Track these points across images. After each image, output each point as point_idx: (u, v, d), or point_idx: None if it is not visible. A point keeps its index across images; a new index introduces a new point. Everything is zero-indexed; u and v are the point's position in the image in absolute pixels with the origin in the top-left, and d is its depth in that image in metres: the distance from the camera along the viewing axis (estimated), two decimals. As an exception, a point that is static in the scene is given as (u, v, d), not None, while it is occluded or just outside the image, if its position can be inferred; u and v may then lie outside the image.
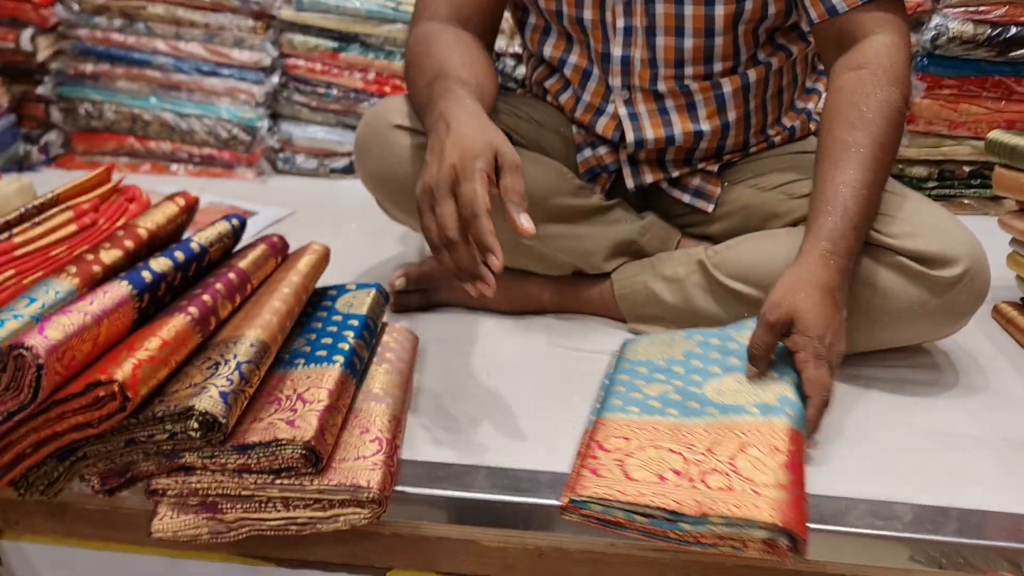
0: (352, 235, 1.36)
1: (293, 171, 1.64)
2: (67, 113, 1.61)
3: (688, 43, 1.01)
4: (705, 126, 1.05)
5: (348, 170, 1.63)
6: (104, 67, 1.58)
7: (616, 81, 1.04)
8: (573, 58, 1.07)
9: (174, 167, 1.60)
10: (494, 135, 0.80)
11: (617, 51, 1.03)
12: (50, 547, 0.83)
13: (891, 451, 0.84)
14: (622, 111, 1.05)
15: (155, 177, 1.58)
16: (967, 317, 0.94)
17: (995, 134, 1.08)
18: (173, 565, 0.82)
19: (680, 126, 1.05)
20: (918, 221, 0.92)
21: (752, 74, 1.04)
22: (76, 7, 1.57)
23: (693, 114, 1.05)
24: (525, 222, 0.75)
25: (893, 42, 0.93)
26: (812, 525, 0.72)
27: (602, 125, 1.06)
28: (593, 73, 1.06)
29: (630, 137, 1.05)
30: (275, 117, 1.63)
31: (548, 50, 1.09)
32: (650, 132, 1.04)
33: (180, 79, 1.58)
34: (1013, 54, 1.38)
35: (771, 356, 0.83)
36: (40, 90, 1.59)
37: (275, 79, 1.59)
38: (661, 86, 1.04)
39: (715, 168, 1.11)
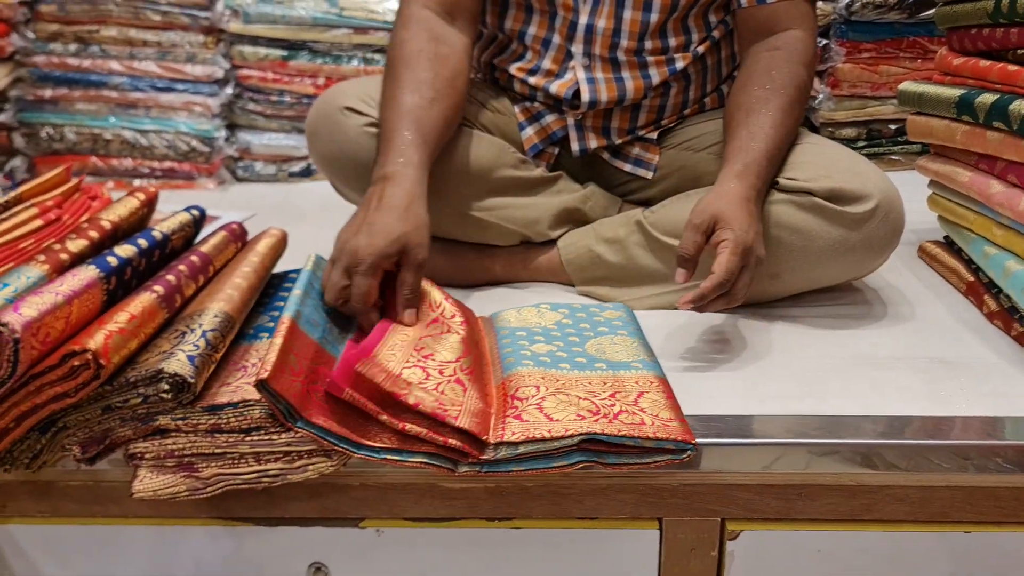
0: (311, 228, 1.40)
1: (253, 178, 1.69)
2: (29, 138, 1.65)
3: (654, 17, 1.09)
4: (655, 83, 1.13)
5: (306, 173, 1.69)
6: (62, 91, 1.63)
7: (578, 48, 1.11)
8: (532, 29, 1.14)
9: (137, 183, 1.65)
10: (409, 230, 0.89)
11: (583, 19, 1.10)
12: (38, 527, 0.87)
13: (819, 373, 0.90)
14: (580, 75, 1.12)
15: (119, 193, 1.62)
16: (887, 251, 1.01)
17: (904, 85, 1.15)
18: (157, 534, 0.86)
19: (632, 85, 1.12)
20: (830, 164, 0.99)
21: (701, 48, 1.12)
22: (31, 35, 1.62)
23: (647, 82, 1.12)
24: (407, 317, 0.87)
25: (805, 36, 1.07)
26: (741, 440, 0.79)
27: (556, 86, 1.13)
28: (553, 41, 1.13)
29: (585, 98, 1.11)
30: (232, 127, 1.69)
31: (508, 23, 1.15)
32: (604, 95, 1.12)
33: (137, 97, 1.62)
34: (923, 15, 1.47)
35: (697, 258, 0.90)
36: (1, 118, 1.63)
37: (229, 90, 1.65)
38: (621, 56, 1.11)
39: (654, 135, 1.18)
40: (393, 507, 0.83)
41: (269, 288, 1.00)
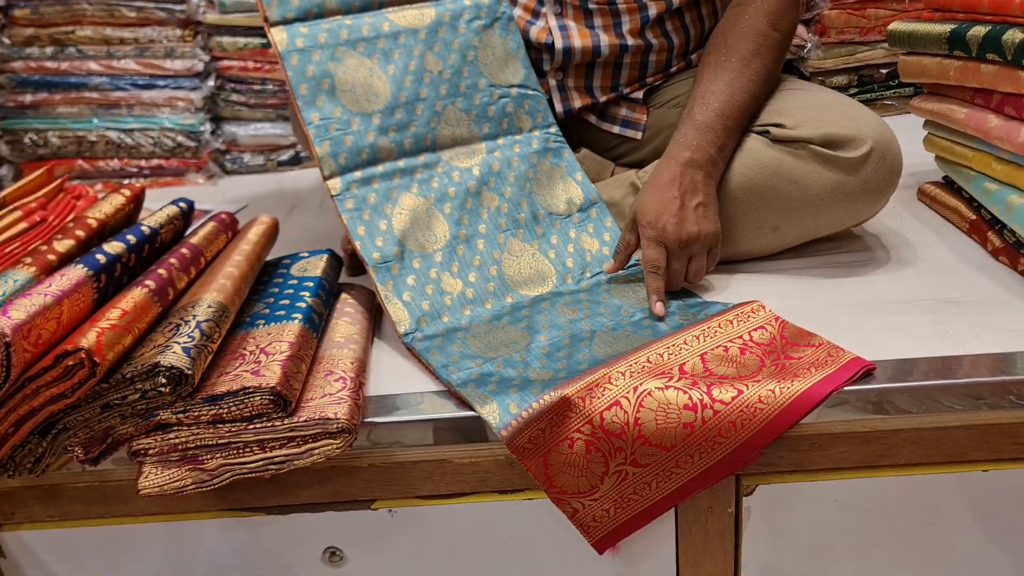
0: (304, 216, 1.39)
1: (242, 170, 1.68)
2: (13, 145, 1.63)
3: None
4: (629, 40, 1.11)
5: (294, 161, 1.67)
6: (43, 95, 1.60)
7: None
8: None
9: (125, 182, 1.63)
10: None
11: None
12: (48, 532, 0.86)
13: (827, 321, 0.88)
14: (552, 23, 1.10)
15: (108, 196, 1.61)
16: (886, 194, 0.99)
17: (893, 25, 1.13)
18: (169, 530, 0.86)
19: (606, 39, 1.10)
20: (822, 110, 0.97)
21: (676, 1, 1.10)
22: (7, 41, 1.59)
23: (619, 31, 1.10)
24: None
25: None
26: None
27: (535, 31, 1.11)
28: None
29: (559, 44, 1.10)
30: (217, 120, 1.67)
31: None
32: (578, 41, 1.10)
33: (118, 96, 1.60)
34: (909, -47, 1.44)
35: (628, 254, 0.98)
36: (-17, 127, 1.62)
37: (211, 83, 1.63)
38: (591, 4, 1.09)
39: (640, 95, 1.16)
40: (404, 486, 0.83)
41: (263, 276, 0.99)
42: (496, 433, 0.77)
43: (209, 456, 0.75)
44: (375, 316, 0.99)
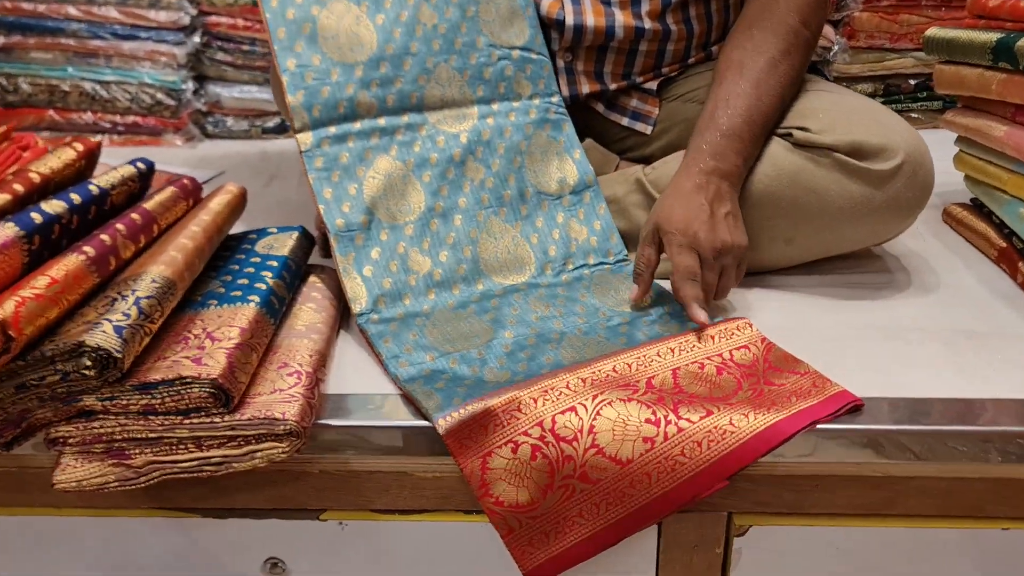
0: (284, 187, 1.31)
1: (224, 134, 1.58)
2: (-20, 90, 1.54)
3: None
4: (647, 24, 1.01)
5: (280, 129, 1.58)
6: (15, 38, 1.50)
7: None
8: None
9: (98, 138, 1.54)
10: None
11: None
12: (-41, 518, 0.78)
13: (836, 345, 0.81)
14: None
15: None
16: (914, 212, 0.90)
17: (932, 31, 1.04)
18: (94, 525, 0.77)
19: (622, 19, 1.01)
20: (850, 114, 0.89)
21: None
22: (-19, -22, 1.50)
23: (636, 11, 1.01)
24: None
25: None
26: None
27: (547, 3, 1.01)
28: None
29: (569, 21, 1.01)
30: (200, 79, 1.57)
31: None
32: (591, 19, 1.01)
33: (97, 45, 1.50)
34: (950, -43, 1.36)
35: (651, 273, 0.86)
36: (-49, 68, 1.52)
37: (196, 39, 1.53)
38: None
39: (654, 86, 1.07)
40: (357, 498, 0.75)
41: (224, 250, 0.90)
42: (433, 422, 0.69)
43: (137, 451, 0.67)
44: (345, 304, 0.91)
